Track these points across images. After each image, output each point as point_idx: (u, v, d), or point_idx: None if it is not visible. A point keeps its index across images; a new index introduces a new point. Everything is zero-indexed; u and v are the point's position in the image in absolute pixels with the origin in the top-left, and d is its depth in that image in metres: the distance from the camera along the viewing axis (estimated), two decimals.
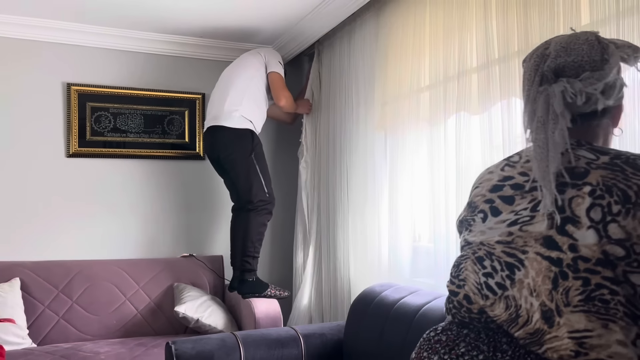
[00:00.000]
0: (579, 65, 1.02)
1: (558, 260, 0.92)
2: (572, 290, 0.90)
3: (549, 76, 1.04)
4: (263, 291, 2.88)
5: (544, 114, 1.00)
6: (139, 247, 3.35)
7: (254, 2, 2.84)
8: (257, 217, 2.91)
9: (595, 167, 0.96)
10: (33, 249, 3.11)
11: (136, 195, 3.36)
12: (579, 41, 1.04)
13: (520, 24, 1.81)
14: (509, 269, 0.98)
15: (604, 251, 0.89)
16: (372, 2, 2.66)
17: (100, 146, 3.30)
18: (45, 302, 2.87)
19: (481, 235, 1.06)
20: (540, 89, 1.03)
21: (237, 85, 2.98)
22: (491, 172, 1.14)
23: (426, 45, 2.30)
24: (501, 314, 0.98)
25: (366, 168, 2.74)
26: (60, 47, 3.23)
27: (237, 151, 2.92)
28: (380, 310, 2.00)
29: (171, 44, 3.41)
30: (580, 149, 1.01)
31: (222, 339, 2.04)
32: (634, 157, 0.97)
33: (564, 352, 0.89)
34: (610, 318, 0.87)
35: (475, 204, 1.12)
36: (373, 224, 2.67)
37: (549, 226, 0.95)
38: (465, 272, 1.06)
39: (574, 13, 1.62)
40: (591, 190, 0.93)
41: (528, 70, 1.08)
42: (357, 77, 2.83)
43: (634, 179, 0.92)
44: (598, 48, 1.03)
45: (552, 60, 1.04)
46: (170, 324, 3.06)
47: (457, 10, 2.11)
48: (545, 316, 0.92)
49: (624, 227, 0.89)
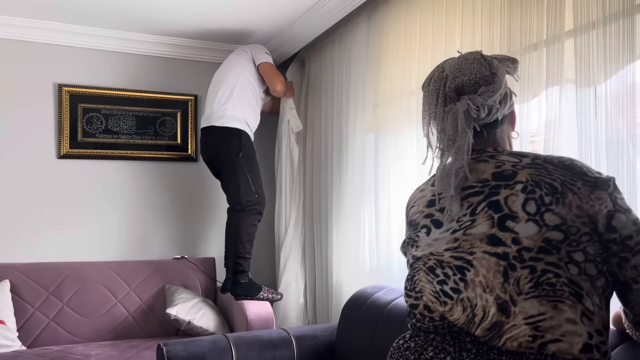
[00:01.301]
0: (475, 82, 1.14)
1: (504, 254, 1.01)
2: (522, 279, 0.98)
3: (451, 96, 1.15)
4: (256, 294, 2.88)
5: (454, 131, 1.12)
6: (130, 249, 3.33)
7: (246, 4, 2.84)
8: (245, 217, 2.91)
9: (521, 167, 1.08)
10: (23, 250, 3.08)
11: (128, 196, 3.35)
12: (468, 61, 1.16)
13: (504, 29, 1.84)
14: (460, 271, 1.05)
15: (545, 239, 1.00)
16: (363, 6, 2.67)
17: (91, 147, 3.28)
18: (36, 304, 2.85)
19: (429, 247, 1.12)
20: (447, 109, 1.14)
21: (226, 85, 3.00)
22: (423, 190, 1.23)
23: (417, 48, 2.32)
24: (460, 316, 1.04)
25: (357, 170, 2.74)
26: (52, 48, 3.21)
27: (225, 151, 2.92)
28: (373, 312, 2.01)
29: (164, 45, 3.41)
30: (501, 155, 1.13)
31: (213, 341, 2.03)
32: (550, 157, 1.10)
33: (522, 338, 0.96)
34: (558, 299, 0.96)
35: (415, 221, 1.19)
36: (364, 225, 2.68)
37: (490, 226, 1.04)
38: (420, 284, 1.11)
39: (558, 17, 1.64)
40: (523, 187, 1.04)
41: (429, 94, 1.19)
42: (348, 80, 2.84)
43: (556, 173, 1.05)
44: (485, 64, 1.15)
45: (452, 81, 1.15)
46: (162, 326, 3.04)
47: (447, 14, 2.14)
48: (502, 308, 0.99)
49: (558, 213, 1.01)
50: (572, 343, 0.94)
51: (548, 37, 1.67)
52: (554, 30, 1.65)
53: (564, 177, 1.04)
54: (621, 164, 1.44)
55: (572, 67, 1.59)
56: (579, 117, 1.56)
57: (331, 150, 3.00)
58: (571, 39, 1.60)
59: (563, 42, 1.62)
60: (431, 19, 2.22)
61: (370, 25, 2.68)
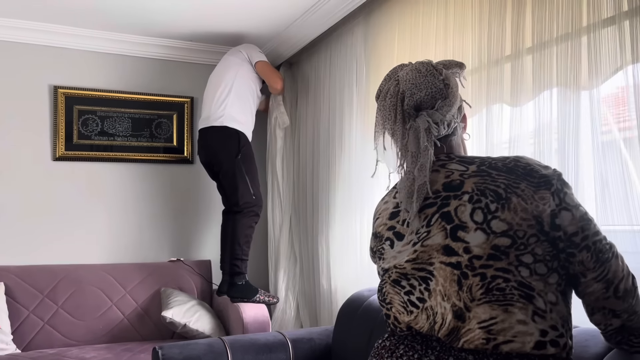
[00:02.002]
0: (432, 97, 1.17)
1: (457, 263, 1.06)
2: (474, 287, 1.04)
3: (410, 112, 1.18)
4: (252, 296, 2.87)
5: (416, 149, 1.15)
6: (126, 251, 3.32)
7: (243, 7, 2.84)
8: (243, 219, 2.90)
9: (467, 176, 1.12)
10: (18, 253, 3.07)
11: (123, 199, 3.34)
12: (422, 74, 1.19)
13: (493, 32, 1.86)
14: (424, 282, 1.10)
15: (494, 245, 1.04)
16: (360, 8, 2.67)
17: (87, 150, 3.27)
18: (30, 307, 2.84)
19: (393, 260, 1.17)
20: (407, 127, 1.17)
21: (224, 85, 3.00)
22: (386, 202, 1.27)
23: (411, 50, 2.33)
24: (424, 324, 1.10)
25: (350, 171, 2.74)
26: (47, 49, 3.20)
27: (223, 152, 2.92)
28: (369, 314, 2.01)
29: (160, 47, 3.40)
30: (452, 162, 1.17)
31: (209, 344, 2.03)
32: (495, 161, 1.13)
33: (477, 341, 1.02)
34: (508, 302, 1.02)
35: (380, 234, 1.23)
36: (360, 228, 2.68)
37: (444, 236, 1.09)
38: (389, 296, 1.18)
39: (544, 23, 1.65)
40: (469, 197, 1.09)
41: (386, 109, 1.21)
42: (344, 82, 2.84)
43: (500, 179, 1.09)
44: (437, 75, 1.18)
45: (410, 98, 1.18)
46: (158, 329, 3.03)
47: (437, 19, 2.16)
48: (457, 315, 1.05)
49: (504, 219, 1.05)
50: (524, 342, 1.00)
51: (536, 42, 1.68)
52: (540, 36, 1.67)
53: (508, 180, 1.08)
54: (613, 167, 1.45)
55: (563, 71, 1.60)
56: (570, 121, 1.57)
57: (324, 152, 3.00)
58: (559, 45, 1.61)
59: (552, 47, 1.64)
60: (421, 24, 2.25)
61: (368, 27, 2.68)
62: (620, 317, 1.08)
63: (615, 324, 1.09)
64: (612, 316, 1.08)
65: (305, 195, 3.23)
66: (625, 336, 1.11)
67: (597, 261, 1.05)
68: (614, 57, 1.46)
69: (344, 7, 2.64)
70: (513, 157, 1.13)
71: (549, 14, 1.67)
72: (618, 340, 1.13)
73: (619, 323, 1.09)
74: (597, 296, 1.06)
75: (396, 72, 1.25)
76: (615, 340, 1.13)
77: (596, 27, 1.51)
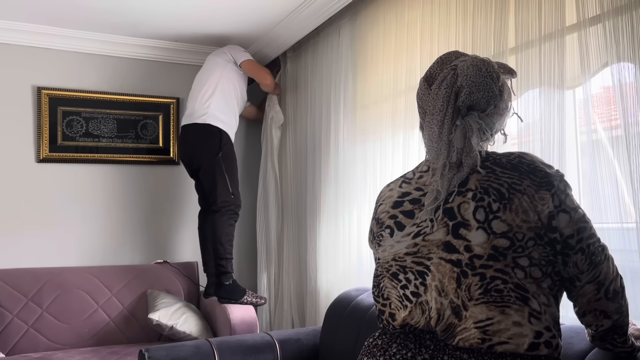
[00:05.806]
0: (487, 101, 1.14)
1: (458, 261, 1.06)
2: (473, 286, 1.04)
3: (462, 110, 1.14)
4: (240, 297, 2.86)
5: (462, 145, 1.11)
6: (111, 253, 3.29)
7: (228, 7, 2.83)
8: (222, 218, 2.89)
9: (472, 172, 1.11)
10: (1, 256, 3.03)
11: (109, 200, 3.31)
12: (482, 74, 1.14)
13: (478, 33, 1.87)
14: (421, 276, 1.10)
15: (493, 246, 1.04)
16: (346, 8, 2.68)
17: (72, 151, 3.24)
18: (14, 311, 2.80)
19: (391, 249, 1.17)
20: (457, 123, 1.13)
21: (208, 84, 3.00)
22: (391, 190, 1.25)
23: (393, 53, 2.34)
24: (420, 319, 1.10)
25: (339, 171, 2.75)
26: (30, 50, 3.16)
27: (204, 149, 2.92)
28: (356, 314, 2.01)
29: (145, 47, 3.38)
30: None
31: (196, 346, 2.02)
32: (499, 157, 1.12)
33: (472, 340, 1.03)
34: (505, 304, 1.02)
35: (381, 220, 1.22)
36: (348, 228, 2.68)
37: (445, 233, 1.08)
38: (386, 290, 1.16)
39: (525, 24, 1.67)
40: (473, 195, 1.08)
41: (439, 98, 1.14)
42: (331, 83, 2.85)
43: (503, 177, 1.08)
44: (496, 80, 1.15)
45: (467, 96, 1.13)
46: (144, 331, 3.01)
47: (422, 18, 2.18)
48: (455, 311, 1.05)
49: (505, 220, 1.04)
50: (518, 344, 1.01)
51: (520, 42, 1.70)
52: (523, 36, 1.69)
53: (511, 179, 1.07)
54: (599, 165, 1.47)
55: (547, 71, 1.61)
56: (557, 119, 1.58)
57: (312, 152, 3.00)
58: (542, 44, 1.62)
59: (536, 47, 1.65)
60: (414, 18, 2.25)
61: (355, 27, 2.69)
62: (611, 317, 1.09)
63: (606, 325, 1.10)
64: (604, 317, 1.09)
65: (294, 195, 3.23)
66: (610, 335, 1.12)
67: (590, 263, 1.06)
68: (598, 56, 1.48)
69: (330, 8, 2.65)
70: (518, 153, 1.12)
71: (531, 14, 1.68)
72: (603, 340, 1.14)
73: (610, 324, 1.10)
74: (589, 298, 1.08)
75: (450, 59, 1.20)
76: (601, 341, 1.14)
77: (580, 27, 1.53)
